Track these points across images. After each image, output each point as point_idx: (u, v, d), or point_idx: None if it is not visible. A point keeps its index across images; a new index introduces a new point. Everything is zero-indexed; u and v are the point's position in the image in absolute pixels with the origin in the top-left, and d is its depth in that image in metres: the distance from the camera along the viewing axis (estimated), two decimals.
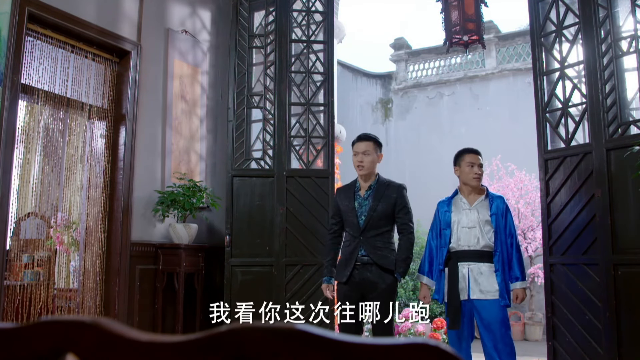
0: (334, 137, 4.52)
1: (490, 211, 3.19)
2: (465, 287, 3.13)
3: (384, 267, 3.11)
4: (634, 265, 3.25)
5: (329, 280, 3.27)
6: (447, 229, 3.27)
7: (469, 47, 4.35)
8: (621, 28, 3.55)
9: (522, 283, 3.12)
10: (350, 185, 3.36)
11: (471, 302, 3.12)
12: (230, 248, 4.32)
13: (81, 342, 0.46)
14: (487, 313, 3.06)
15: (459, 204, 3.30)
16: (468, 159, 3.30)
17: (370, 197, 3.22)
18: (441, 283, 3.26)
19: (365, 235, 3.16)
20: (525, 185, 7.57)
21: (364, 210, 3.20)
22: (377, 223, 3.16)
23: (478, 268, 3.13)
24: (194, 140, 4.68)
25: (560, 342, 3.62)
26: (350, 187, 3.33)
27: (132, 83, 4.06)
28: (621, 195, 3.34)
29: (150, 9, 4.32)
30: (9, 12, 3.21)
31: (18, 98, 3.28)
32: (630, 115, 3.48)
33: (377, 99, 10.02)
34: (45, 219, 3.81)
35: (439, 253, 3.28)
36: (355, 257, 3.15)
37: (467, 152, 3.33)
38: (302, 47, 4.74)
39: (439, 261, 3.28)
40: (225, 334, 0.44)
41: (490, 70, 8.98)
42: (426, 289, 3.33)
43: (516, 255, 3.14)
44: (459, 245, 3.21)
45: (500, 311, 3.06)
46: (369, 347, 0.42)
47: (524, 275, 3.14)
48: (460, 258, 3.18)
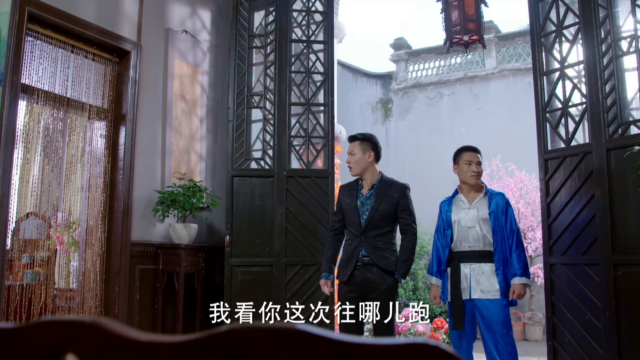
0: (334, 137, 4.52)
1: (488, 209, 3.17)
2: (467, 287, 3.12)
3: (384, 268, 3.09)
4: (634, 265, 3.25)
5: (327, 276, 3.25)
6: (448, 229, 3.26)
7: (469, 47, 4.35)
8: (621, 28, 3.54)
9: (521, 279, 3.05)
10: (353, 183, 3.35)
11: (472, 301, 3.11)
12: (230, 248, 4.32)
13: (81, 342, 0.46)
14: (488, 312, 3.05)
15: (459, 203, 3.29)
16: (466, 156, 3.28)
17: (372, 196, 3.19)
18: (445, 283, 3.26)
19: (366, 235, 3.14)
20: (525, 185, 7.57)
21: (366, 209, 3.18)
22: (379, 223, 3.14)
23: (479, 268, 3.12)
24: (194, 140, 4.68)
25: (560, 342, 3.62)
26: (354, 185, 3.32)
27: (132, 83, 4.06)
28: (621, 195, 3.34)
29: (150, 9, 4.32)
30: (9, 12, 3.21)
31: (18, 98, 3.28)
32: (630, 115, 3.48)
33: (377, 99, 10.02)
34: (45, 219, 3.81)
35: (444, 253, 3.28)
36: (356, 257, 3.13)
37: (465, 150, 3.32)
38: (302, 47, 4.74)
39: (442, 261, 3.28)
40: (225, 334, 0.44)
41: (490, 70, 8.98)
42: (436, 289, 3.31)
43: (516, 252, 3.10)
44: (461, 246, 3.20)
45: (502, 311, 3.05)
46: (369, 347, 0.42)
47: (525, 271, 3.07)
48: (462, 258, 3.17)
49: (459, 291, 3.13)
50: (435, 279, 3.30)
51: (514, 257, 3.09)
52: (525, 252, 3.24)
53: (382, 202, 3.16)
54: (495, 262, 3.09)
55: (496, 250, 3.11)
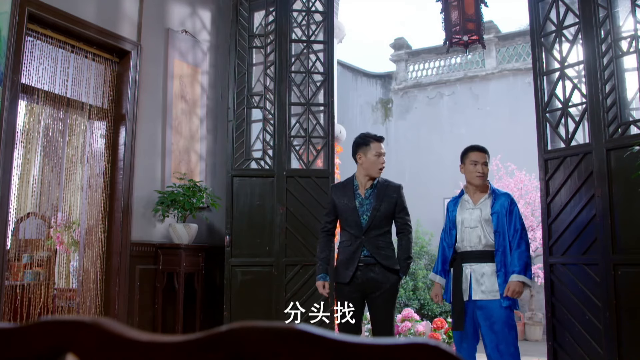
0: (334, 137, 4.52)
1: (492, 210, 3.15)
2: (467, 288, 3.12)
3: (389, 267, 3.09)
4: (634, 265, 3.25)
5: (324, 278, 3.21)
6: (454, 228, 3.27)
7: (469, 47, 4.35)
8: (621, 28, 3.55)
9: (518, 276, 2.99)
10: (346, 183, 3.30)
11: (474, 302, 3.10)
12: (230, 248, 4.32)
13: (81, 342, 0.46)
14: (488, 313, 3.04)
15: (464, 203, 3.29)
16: (472, 156, 3.25)
17: (372, 197, 3.18)
18: (449, 283, 3.26)
19: (368, 235, 3.13)
20: (525, 185, 7.58)
21: (366, 210, 3.16)
22: (380, 223, 3.14)
23: (480, 268, 3.11)
24: (194, 140, 4.68)
25: (560, 342, 3.61)
26: (348, 185, 3.27)
27: (132, 83, 4.06)
28: (621, 195, 3.34)
29: (150, 9, 4.32)
30: (9, 12, 3.21)
31: (18, 98, 3.28)
32: (630, 115, 3.48)
33: (377, 99, 10.02)
34: (45, 219, 3.81)
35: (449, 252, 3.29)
36: (357, 257, 3.11)
37: (472, 150, 3.29)
38: (302, 47, 4.74)
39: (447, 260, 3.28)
40: (225, 334, 0.44)
41: (490, 70, 8.98)
42: (438, 288, 3.32)
43: (517, 250, 3.06)
44: (463, 246, 3.20)
45: (502, 311, 3.02)
46: (369, 347, 0.42)
47: (524, 269, 3.01)
48: (465, 259, 3.17)
49: (460, 292, 3.13)
50: (438, 277, 3.31)
51: (514, 255, 3.06)
52: (530, 251, 3.19)
53: (382, 202, 3.15)
54: (497, 262, 3.08)
55: (497, 251, 3.09)
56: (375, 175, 3.20)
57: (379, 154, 3.19)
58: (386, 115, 9.86)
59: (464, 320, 3.08)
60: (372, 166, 3.18)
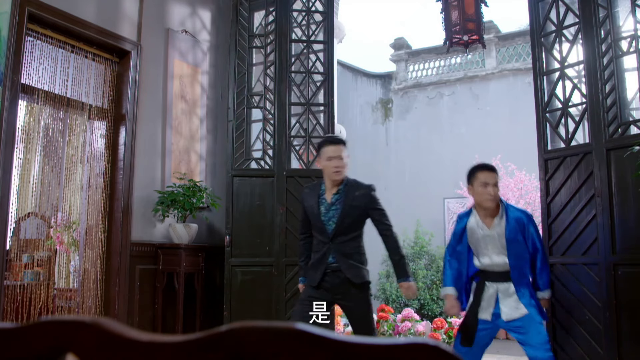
0: None
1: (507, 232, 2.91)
2: (487, 306, 2.93)
3: (353, 282, 2.95)
4: (634, 265, 3.25)
5: (304, 281, 3.16)
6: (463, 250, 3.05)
7: (469, 47, 4.36)
8: (621, 28, 3.55)
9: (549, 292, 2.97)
10: (315, 186, 3.14)
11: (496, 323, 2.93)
12: (230, 248, 4.32)
13: (81, 342, 0.46)
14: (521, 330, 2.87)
15: (475, 227, 3.00)
16: (482, 177, 2.93)
17: (339, 202, 2.99)
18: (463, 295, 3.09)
19: (335, 242, 2.99)
20: (525, 185, 7.57)
21: (332, 216, 3.00)
22: (347, 229, 2.99)
23: (506, 289, 2.91)
24: (194, 140, 4.68)
25: (560, 342, 3.62)
26: (316, 188, 3.10)
27: (132, 83, 4.06)
28: (621, 195, 3.34)
29: (150, 9, 4.32)
30: (9, 12, 3.21)
31: (18, 98, 3.28)
32: (630, 115, 3.48)
33: (377, 99, 10.02)
34: (45, 219, 3.81)
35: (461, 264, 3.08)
36: (325, 263, 2.99)
37: (481, 170, 2.97)
38: (302, 47, 4.74)
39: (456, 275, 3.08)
40: (225, 334, 0.44)
41: (490, 70, 8.98)
42: (451, 299, 3.06)
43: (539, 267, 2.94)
44: (483, 264, 3.00)
45: (541, 327, 2.85)
46: (368, 347, 0.42)
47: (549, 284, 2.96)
48: (489, 277, 2.97)
49: (476, 309, 2.94)
50: (450, 288, 3.06)
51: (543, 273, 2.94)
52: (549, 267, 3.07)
53: (350, 207, 2.97)
54: (513, 280, 2.90)
55: (514, 270, 2.90)
56: (333, 179, 3.00)
57: (330, 158, 2.98)
58: (386, 115, 9.86)
59: (474, 337, 2.93)
60: (327, 170, 3.00)
